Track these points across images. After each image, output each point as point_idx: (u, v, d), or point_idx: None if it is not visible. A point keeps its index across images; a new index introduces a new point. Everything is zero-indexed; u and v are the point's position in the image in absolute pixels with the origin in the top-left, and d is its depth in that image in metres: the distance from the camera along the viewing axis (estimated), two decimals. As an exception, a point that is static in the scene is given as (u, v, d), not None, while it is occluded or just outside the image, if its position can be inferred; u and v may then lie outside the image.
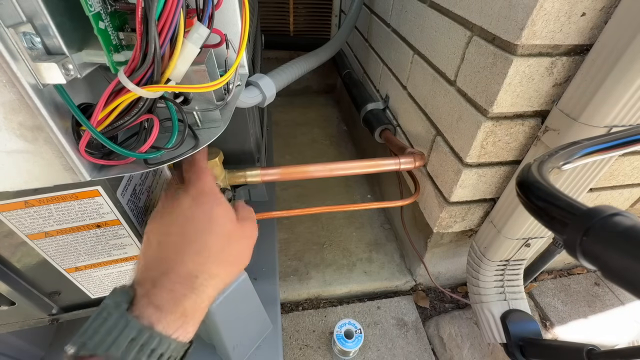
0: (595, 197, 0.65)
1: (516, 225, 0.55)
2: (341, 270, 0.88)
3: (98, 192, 0.31)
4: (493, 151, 0.53)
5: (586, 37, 0.42)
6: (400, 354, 0.74)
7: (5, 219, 0.30)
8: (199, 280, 0.27)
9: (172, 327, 0.25)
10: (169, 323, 0.25)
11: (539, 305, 0.84)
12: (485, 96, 0.48)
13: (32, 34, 0.19)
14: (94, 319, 0.23)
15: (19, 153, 0.22)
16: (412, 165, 0.60)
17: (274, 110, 1.52)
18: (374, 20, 0.96)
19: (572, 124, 0.43)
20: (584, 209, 0.20)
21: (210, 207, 0.31)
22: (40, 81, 0.20)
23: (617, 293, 0.86)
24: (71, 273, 0.38)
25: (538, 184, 0.25)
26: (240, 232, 0.32)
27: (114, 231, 0.35)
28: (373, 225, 1.01)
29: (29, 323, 0.42)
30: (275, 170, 0.51)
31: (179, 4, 0.19)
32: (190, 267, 0.27)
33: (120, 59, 0.22)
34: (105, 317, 0.23)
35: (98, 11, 0.20)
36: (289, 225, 0.99)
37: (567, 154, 0.31)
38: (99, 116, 0.22)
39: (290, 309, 0.82)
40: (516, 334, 0.59)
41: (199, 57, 0.24)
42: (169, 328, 0.25)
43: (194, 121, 0.30)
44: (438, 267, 0.82)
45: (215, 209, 0.31)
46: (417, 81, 0.70)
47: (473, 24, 0.49)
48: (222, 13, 0.31)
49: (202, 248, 0.29)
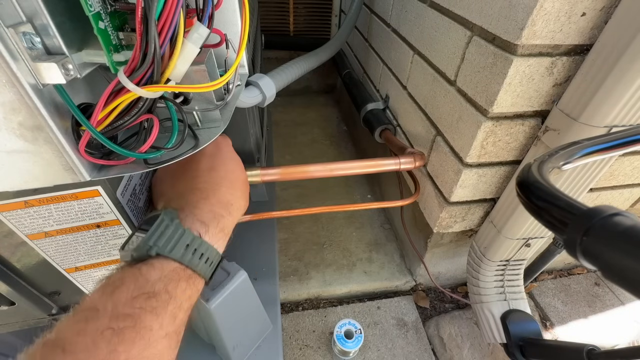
0: (595, 197, 0.65)
1: (516, 225, 0.55)
2: (341, 270, 0.88)
3: (98, 192, 0.31)
4: (493, 151, 0.53)
5: (586, 37, 0.42)
6: (400, 354, 0.74)
7: (5, 219, 0.30)
8: (233, 206, 0.34)
9: (215, 238, 0.31)
10: (213, 235, 0.31)
11: (539, 305, 0.84)
12: (486, 96, 0.48)
13: (32, 34, 0.19)
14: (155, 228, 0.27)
15: (19, 153, 0.22)
16: (412, 165, 0.60)
17: (274, 110, 1.52)
18: (374, 20, 0.96)
19: (572, 124, 0.43)
20: (584, 209, 0.20)
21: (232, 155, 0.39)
22: (40, 81, 0.20)
23: (617, 293, 0.86)
24: (71, 273, 0.38)
25: (538, 184, 0.25)
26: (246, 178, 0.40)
27: (114, 231, 0.35)
28: (373, 225, 1.01)
29: (29, 323, 0.42)
30: (275, 170, 0.51)
31: (179, 4, 0.19)
32: (227, 196, 0.34)
33: (120, 59, 0.22)
34: (165, 228, 0.27)
35: (98, 11, 0.20)
36: (289, 225, 0.99)
37: (567, 154, 0.31)
38: (99, 116, 0.22)
39: (290, 309, 0.82)
40: (516, 334, 0.59)
41: (199, 57, 0.24)
42: (212, 239, 0.30)
43: (194, 121, 0.30)
44: (438, 267, 0.82)
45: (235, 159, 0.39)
46: (417, 81, 0.70)
47: (473, 23, 0.49)
48: (222, 13, 0.31)
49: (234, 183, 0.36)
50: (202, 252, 0.29)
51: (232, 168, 0.37)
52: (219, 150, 0.38)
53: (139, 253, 0.26)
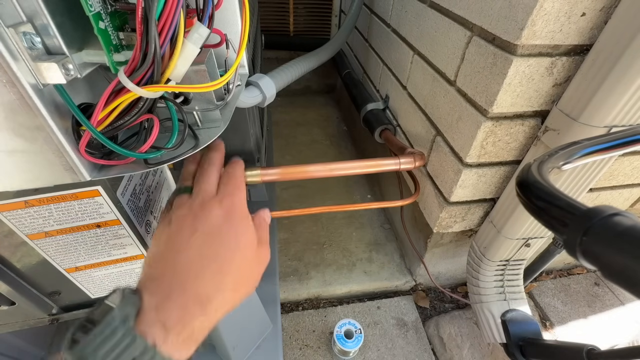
0: (595, 197, 0.65)
1: (516, 225, 0.55)
2: (341, 270, 0.88)
3: (98, 192, 0.31)
4: (493, 151, 0.53)
5: (586, 37, 0.42)
6: (400, 354, 0.74)
7: (5, 219, 0.30)
8: (213, 304, 0.27)
9: (176, 347, 0.24)
10: (174, 344, 0.24)
11: (539, 305, 0.84)
12: (485, 96, 0.48)
13: (32, 34, 0.19)
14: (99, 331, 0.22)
15: (19, 153, 0.22)
16: (412, 165, 0.60)
17: (274, 110, 1.52)
18: (374, 20, 0.96)
19: (572, 124, 0.43)
20: (584, 209, 0.20)
21: (240, 230, 0.30)
22: (40, 81, 0.20)
23: (617, 293, 0.86)
24: (71, 273, 0.38)
25: (538, 184, 0.25)
26: (257, 259, 0.31)
27: (114, 231, 0.35)
28: (373, 225, 1.01)
29: (29, 323, 0.42)
30: (275, 170, 0.51)
31: (179, 4, 0.19)
32: (208, 289, 0.27)
33: (120, 59, 0.22)
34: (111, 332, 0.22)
35: (98, 11, 0.20)
36: (289, 225, 0.99)
37: (567, 154, 0.31)
38: (99, 116, 0.22)
39: (290, 309, 0.82)
40: (516, 334, 0.59)
41: (199, 57, 0.24)
42: (173, 349, 0.24)
43: (194, 121, 0.30)
44: (438, 267, 0.82)
45: (244, 234, 0.30)
46: (417, 81, 0.70)
47: (473, 24, 0.49)
48: (222, 13, 0.31)
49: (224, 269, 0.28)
50: None
51: (231, 245, 0.29)
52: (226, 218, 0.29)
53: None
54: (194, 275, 0.27)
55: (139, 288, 0.26)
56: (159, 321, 0.24)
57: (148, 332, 0.23)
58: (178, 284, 0.26)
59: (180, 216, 0.30)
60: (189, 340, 0.25)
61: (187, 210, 0.30)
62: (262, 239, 0.33)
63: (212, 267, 0.27)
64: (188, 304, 0.25)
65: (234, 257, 0.29)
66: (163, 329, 0.24)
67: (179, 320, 0.24)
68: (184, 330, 0.25)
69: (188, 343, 0.25)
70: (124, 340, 0.22)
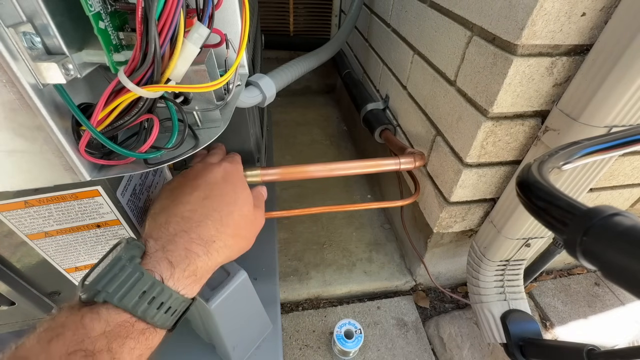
0: (595, 197, 0.65)
1: (516, 225, 0.55)
2: (341, 270, 0.88)
3: (98, 192, 0.31)
4: (493, 151, 0.53)
5: (586, 37, 0.42)
6: (400, 354, 0.74)
7: (5, 219, 0.30)
8: (215, 245, 0.29)
9: (182, 283, 0.26)
10: (178, 279, 0.26)
11: (539, 305, 0.84)
12: (485, 96, 0.48)
13: (32, 34, 0.19)
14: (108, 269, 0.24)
15: (19, 153, 0.22)
16: (412, 165, 0.60)
17: (274, 110, 1.52)
18: (374, 20, 0.96)
19: (572, 124, 0.43)
20: (584, 209, 0.20)
21: (239, 188, 0.34)
22: (40, 81, 0.20)
23: (617, 293, 0.86)
24: (71, 273, 0.38)
25: (538, 184, 0.25)
26: (253, 217, 0.35)
27: (114, 231, 0.35)
28: (373, 225, 1.01)
29: (28, 323, 0.42)
30: (275, 170, 0.51)
31: (179, 4, 0.19)
32: (212, 232, 0.29)
33: (120, 59, 0.22)
34: (120, 269, 0.24)
35: (98, 11, 0.20)
36: (289, 225, 0.99)
37: (567, 154, 0.31)
38: (99, 116, 0.22)
39: (290, 309, 0.82)
40: (516, 334, 0.59)
41: (199, 57, 0.24)
42: (178, 284, 0.26)
43: (194, 121, 0.30)
44: (438, 267, 0.82)
45: (242, 191, 0.35)
46: (417, 81, 0.70)
47: (473, 24, 0.49)
48: (222, 13, 0.31)
49: (225, 218, 0.31)
50: (162, 300, 0.25)
51: (230, 200, 0.32)
52: (225, 179, 0.34)
53: (86, 296, 0.23)
54: (197, 223, 0.29)
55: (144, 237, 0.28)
56: (165, 259, 0.26)
57: (155, 269, 0.25)
58: (182, 229, 0.28)
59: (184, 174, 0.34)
60: (194, 278, 0.27)
61: (190, 170, 0.34)
62: (258, 204, 0.37)
63: (214, 216, 0.30)
64: (192, 245, 0.28)
65: (233, 210, 0.32)
66: (169, 266, 0.26)
67: (184, 258, 0.27)
68: (189, 267, 0.27)
69: (192, 281, 0.27)
70: (133, 276, 0.24)
